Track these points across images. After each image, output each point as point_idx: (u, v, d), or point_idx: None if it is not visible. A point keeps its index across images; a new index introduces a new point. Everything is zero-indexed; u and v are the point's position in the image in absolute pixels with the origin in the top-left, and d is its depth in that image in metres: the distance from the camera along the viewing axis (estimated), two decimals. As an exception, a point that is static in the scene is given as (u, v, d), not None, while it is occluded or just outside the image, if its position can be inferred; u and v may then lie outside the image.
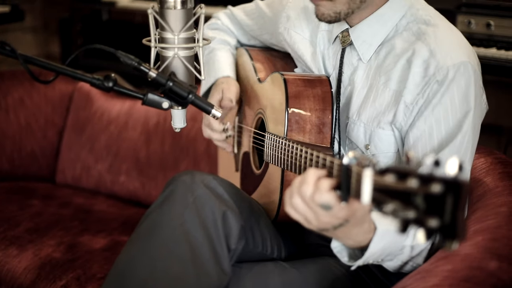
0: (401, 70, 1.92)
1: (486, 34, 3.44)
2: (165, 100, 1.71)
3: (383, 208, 1.28)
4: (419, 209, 1.20)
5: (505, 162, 2.19)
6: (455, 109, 1.85)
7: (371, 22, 1.97)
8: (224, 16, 2.51)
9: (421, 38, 1.91)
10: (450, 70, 1.85)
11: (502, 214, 1.90)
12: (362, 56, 2.00)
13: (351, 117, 2.00)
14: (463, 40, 1.96)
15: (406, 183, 1.23)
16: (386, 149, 1.96)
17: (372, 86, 1.98)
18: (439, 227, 1.17)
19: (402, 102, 1.90)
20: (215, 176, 1.97)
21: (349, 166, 1.43)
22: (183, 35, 1.76)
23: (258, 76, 2.26)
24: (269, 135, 2.06)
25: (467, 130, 1.85)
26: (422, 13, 1.97)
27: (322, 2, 1.91)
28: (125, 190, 3.07)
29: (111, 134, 3.12)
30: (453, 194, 1.16)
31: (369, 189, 1.33)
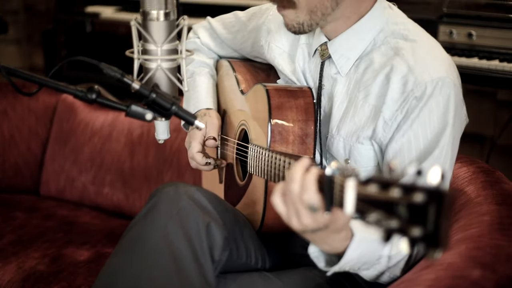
0: (380, 86, 1.92)
1: (468, 44, 3.46)
2: (149, 111, 1.71)
3: (367, 218, 1.28)
4: (402, 219, 1.20)
5: (487, 171, 2.20)
6: (433, 124, 1.86)
7: (349, 35, 1.98)
8: (203, 32, 2.49)
9: (400, 54, 1.92)
10: (428, 86, 1.86)
11: (485, 223, 1.91)
12: (340, 70, 2.00)
13: (331, 132, 2.01)
14: (442, 54, 1.96)
15: (389, 193, 1.23)
16: (365, 163, 1.97)
17: (352, 100, 1.98)
18: (422, 236, 1.18)
19: (381, 118, 1.91)
20: (198, 188, 1.97)
21: (332, 176, 1.44)
22: (166, 46, 1.76)
23: (241, 87, 2.27)
24: (252, 146, 2.06)
25: (444, 144, 1.86)
26: (401, 27, 1.97)
27: (285, 12, 1.93)
28: (109, 202, 3.06)
29: (94, 146, 3.12)
30: (435, 203, 1.17)
31: (352, 199, 1.34)
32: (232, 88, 2.33)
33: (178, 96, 1.80)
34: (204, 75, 2.40)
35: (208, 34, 2.48)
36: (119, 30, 4.34)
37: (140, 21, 1.77)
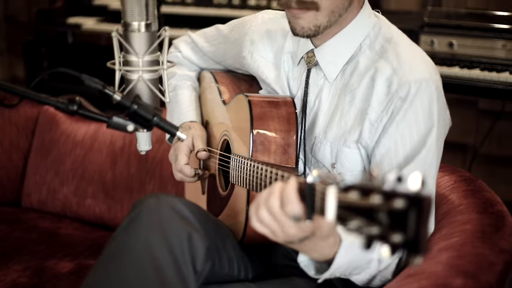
0: (365, 89, 1.94)
1: (449, 53, 3.49)
2: (130, 123, 1.70)
3: (348, 225, 1.29)
4: (383, 225, 1.21)
5: (469, 180, 2.22)
6: (419, 125, 1.88)
7: (336, 42, 1.99)
8: (184, 46, 2.49)
9: (384, 56, 1.94)
10: (412, 86, 1.87)
11: (467, 231, 1.92)
12: (327, 76, 2.02)
13: (318, 137, 2.02)
14: (425, 57, 1.98)
15: (369, 199, 1.24)
16: (352, 167, 1.98)
17: (338, 105, 1.99)
18: (403, 242, 1.18)
19: (367, 120, 1.92)
20: (180, 199, 1.97)
21: (313, 184, 1.44)
22: (147, 57, 1.76)
23: (223, 98, 2.27)
24: (234, 156, 2.06)
25: (431, 145, 1.88)
26: (385, 32, 2.00)
27: (305, 15, 1.91)
28: (91, 213, 3.05)
29: (76, 157, 3.11)
30: (416, 209, 1.17)
31: (333, 206, 1.34)
32: (214, 99, 2.33)
33: (160, 108, 1.80)
34: (187, 88, 2.40)
35: (189, 47, 2.48)
36: (101, 41, 4.33)
37: (121, 33, 1.77)
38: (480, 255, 1.80)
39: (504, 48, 3.39)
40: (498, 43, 3.40)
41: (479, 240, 1.87)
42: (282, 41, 2.17)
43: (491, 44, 3.42)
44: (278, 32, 2.19)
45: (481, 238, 1.88)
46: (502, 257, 1.81)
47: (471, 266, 1.75)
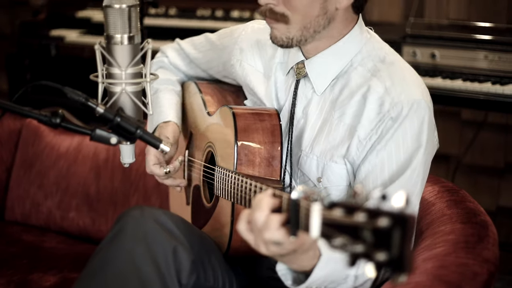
0: (356, 106, 1.94)
1: (431, 64, 3.51)
2: (113, 135, 1.70)
3: (332, 242, 1.29)
4: (367, 243, 1.21)
5: (452, 190, 2.22)
6: (406, 145, 1.88)
7: (327, 55, 2.00)
8: (171, 51, 2.49)
9: (377, 75, 1.94)
10: (405, 107, 1.88)
11: (450, 241, 1.93)
12: (316, 89, 2.02)
13: (304, 150, 2.02)
14: (417, 78, 2.00)
15: (354, 217, 1.24)
16: (338, 182, 1.98)
17: (326, 120, 1.99)
18: (387, 260, 1.18)
19: (356, 136, 1.92)
20: (165, 211, 1.97)
21: (297, 200, 1.44)
22: (130, 70, 1.76)
23: (208, 109, 2.27)
24: (219, 168, 2.06)
25: (416, 165, 1.89)
26: (378, 50, 2.00)
27: (277, 25, 1.94)
28: (75, 226, 3.03)
29: (60, 170, 3.09)
30: (400, 227, 1.17)
31: (317, 223, 1.34)
32: (198, 110, 2.33)
33: (143, 120, 1.80)
34: (168, 92, 2.39)
35: (176, 53, 2.48)
36: (84, 54, 4.32)
37: (104, 45, 1.77)
38: (463, 265, 1.80)
39: (486, 59, 3.41)
40: (480, 54, 3.42)
41: (463, 250, 1.88)
42: (271, 51, 2.17)
43: (473, 55, 3.44)
44: (268, 42, 2.17)
45: (464, 248, 1.89)
46: (486, 267, 1.82)
47: (455, 276, 1.76)
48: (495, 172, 4.08)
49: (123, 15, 1.74)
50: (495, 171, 4.08)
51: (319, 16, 1.93)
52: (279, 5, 1.92)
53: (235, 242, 2.02)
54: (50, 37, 4.53)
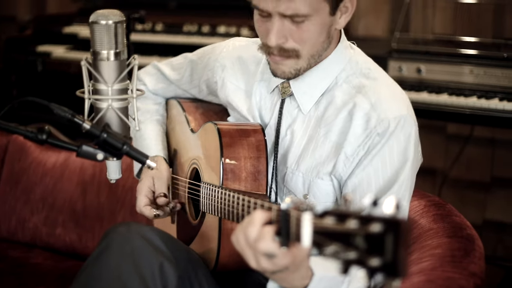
0: (342, 122, 1.95)
1: (417, 79, 3.52)
2: (100, 151, 1.70)
3: (324, 251, 1.29)
4: (360, 250, 1.21)
5: (438, 204, 2.23)
6: (393, 160, 1.89)
7: (312, 74, 2.00)
8: (148, 78, 2.46)
9: (362, 91, 1.95)
10: (392, 123, 1.89)
11: (436, 255, 1.93)
12: (302, 107, 2.02)
13: (290, 167, 2.02)
14: (402, 93, 2.00)
15: (345, 224, 1.24)
16: (324, 199, 1.98)
17: (312, 137, 1.99)
18: (380, 266, 1.19)
19: (342, 153, 1.92)
20: (151, 227, 1.96)
21: (287, 211, 1.44)
22: (116, 86, 1.76)
23: (191, 126, 2.27)
24: (204, 185, 2.06)
25: (403, 180, 1.90)
26: (362, 66, 2.01)
27: (286, 61, 1.92)
28: (61, 243, 3.02)
29: (46, 186, 3.08)
30: (392, 232, 1.18)
31: (309, 232, 1.34)
32: (182, 128, 2.32)
33: (130, 136, 1.80)
34: (151, 123, 2.38)
35: (154, 79, 2.45)
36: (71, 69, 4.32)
37: (90, 61, 1.77)
38: (450, 279, 1.81)
39: (472, 74, 3.43)
40: (465, 69, 3.44)
41: (449, 264, 1.88)
42: (254, 68, 2.17)
43: (459, 69, 3.46)
44: (250, 59, 2.19)
45: (451, 262, 1.89)
46: (473, 281, 1.82)
47: (441, 290, 1.76)
48: (482, 186, 4.09)
49: (110, 31, 1.74)
50: (481, 185, 4.09)
51: (325, 41, 1.93)
52: (289, 41, 1.88)
53: (223, 258, 2.02)
54: (36, 53, 4.52)
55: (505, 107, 3.23)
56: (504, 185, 4.04)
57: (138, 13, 3.29)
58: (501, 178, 4.04)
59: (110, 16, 1.75)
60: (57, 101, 1.70)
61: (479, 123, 3.57)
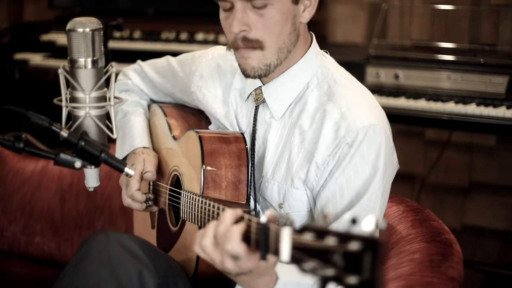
0: (314, 131, 1.94)
1: (395, 85, 3.54)
2: (78, 159, 1.69)
3: (303, 266, 1.29)
4: (338, 267, 1.21)
5: (416, 210, 2.24)
6: (363, 170, 1.88)
7: (283, 79, 2.00)
8: (134, 74, 2.48)
9: (332, 99, 1.94)
10: (360, 133, 1.88)
11: (415, 260, 1.94)
12: (274, 114, 2.02)
13: (265, 176, 2.02)
14: (373, 102, 2.00)
15: (324, 241, 1.25)
16: (299, 208, 1.98)
17: (286, 145, 1.99)
18: (358, 284, 1.19)
19: (313, 162, 1.92)
20: (130, 235, 1.96)
21: (267, 224, 1.44)
22: (94, 94, 1.76)
23: (173, 133, 2.26)
24: (185, 192, 2.05)
25: (374, 190, 1.88)
26: (333, 72, 2.01)
27: (252, 54, 1.91)
28: (40, 251, 3.01)
29: (24, 194, 3.07)
30: (371, 251, 1.18)
31: (288, 247, 1.35)
32: (164, 134, 2.32)
33: (108, 144, 1.79)
34: (139, 115, 2.39)
35: (139, 77, 2.47)
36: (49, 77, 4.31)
37: (68, 69, 1.76)
38: (429, 284, 1.81)
39: (449, 79, 3.45)
40: (443, 74, 3.46)
41: (428, 269, 1.89)
42: (231, 78, 2.17)
43: (436, 75, 3.48)
44: (228, 69, 2.19)
45: (429, 267, 1.90)
46: (451, 285, 1.83)
47: (420, 295, 1.77)
48: (460, 191, 4.12)
49: (87, 39, 1.74)
50: (460, 190, 4.12)
51: (291, 33, 1.92)
52: (252, 31, 1.89)
53: (202, 266, 2.01)
54: (14, 61, 4.51)
55: (482, 113, 3.25)
56: (483, 189, 4.07)
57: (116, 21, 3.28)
58: (479, 183, 4.07)
59: (87, 24, 1.74)
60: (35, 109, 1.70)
61: (457, 128, 3.59)
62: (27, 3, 5.34)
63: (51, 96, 1.93)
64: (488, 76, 3.37)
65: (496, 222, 4.05)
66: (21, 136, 1.68)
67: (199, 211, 1.92)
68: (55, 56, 4.49)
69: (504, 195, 3.99)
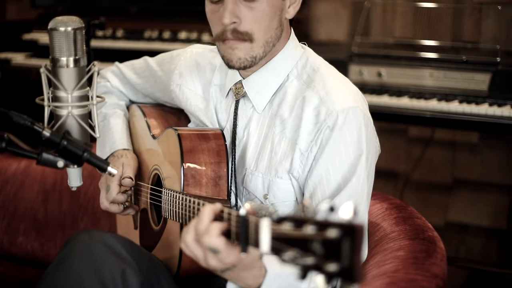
0: (294, 119, 1.96)
1: (378, 82, 3.55)
2: (60, 159, 1.69)
3: (283, 256, 1.30)
4: (317, 255, 1.22)
5: (400, 207, 2.25)
6: (348, 153, 1.90)
7: (264, 72, 2.01)
8: (112, 76, 2.48)
9: (311, 86, 1.97)
10: (340, 115, 1.90)
11: (399, 258, 1.94)
12: (256, 107, 2.03)
13: (248, 168, 2.03)
14: (351, 86, 2.02)
15: (303, 230, 1.25)
16: (284, 198, 1.99)
17: (268, 135, 2.01)
18: (338, 271, 1.20)
19: (297, 149, 1.93)
20: (113, 234, 1.95)
21: (246, 217, 1.45)
22: (76, 93, 1.75)
23: (152, 132, 2.26)
24: (166, 190, 2.05)
25: (361, 172, 1.90)
26: (312, 62, 2.03)
27: (241, 45, 1.93)
28: (23, 251, 3.00)
29: (7, 194, 3.06)
30: (349, 237, 1.19)
31: (267, 238, 1.35)
32: (143, 134, 2.32)
33: (90, 143, 1.79)
34: (118, 117, 2.38)
35: (118, 79, 2.47)
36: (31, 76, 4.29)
37: (50, 68, 1.76)
38: (413, 281, 1.82)
39: (432, 77, 3.46)
40: (425, 72, 3.47)
41: (412, 266, 1.89)
42: (210, 75, 2.18)
43: (419, 72, 3.49)
44: (207, 66, 2.20)
45: (413, 264, 1.90)
46: (435, 282, 1.84)
47: (404, 292, 1.77)
48: (443, 188, 4.13)
49: (69, 38, 1.73)
50: (443, 187, 4.13)
51: (277, 28, 1.96)
52: (243, 23, 1.91)
53: (185, 263, 2.01)
54: (-5, 60, 4.49)
55: (464, 110, 3.27)
56: (466, 186, 4.08)
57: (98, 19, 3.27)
58: (462, 180, 4.08)
59: (69, 22, 1.74)
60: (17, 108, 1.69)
61: (440, 125, 3.60)
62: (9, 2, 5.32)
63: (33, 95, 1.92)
64: (470, 73, 3.38)
65: (479, 219, 4.07)
66: (3, 136, 1.67)
67: (180, 208, 1.92)
68: (37, 55, 4.47)
69: (487, 191, 4.01)
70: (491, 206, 4.03)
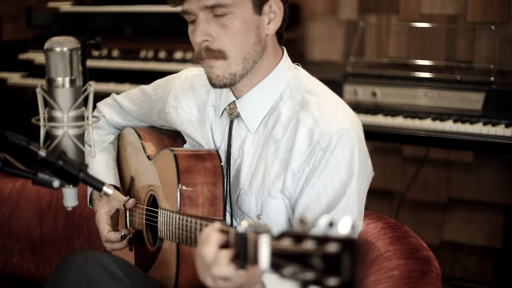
0: (288, 139, 1.96)
1: (372, 102, 3.56)
2: (56, 179, 1.69)
3: (282, 272, 1.30)
4: (318, 270, 1.22)
5: (394, 227, 2.25)
6: (340, 173, 1.90)
7: (256, 92, 2.02)
8: (107, 109, 2.49)
9: (305, 107, 1.97)
10: (334, 137, 1.90)
11: (394, 277, 1.95)
12: (249, 127, 2.04)
13: (242, 188, 2.03)
14: (345, 108, 2.02)
15: (302, 245, 1.25)
16: (277, 217, 1.99)
17: (262, 156, 2.01)
18: (338, 285, 1.20)
19: (289, 170, 1.94)
20: (108, 254, 1.95)
21: (245, 234, 1.45)
22: (72, 113, 1.75)
23: (148, 153, 2.27)
24: (162, 211, 2.05)
25: (351, 193, 1.90)
26: (306, 83, 2.03)
27: (216, 63, 1.93)
28: (18, 271, 2.99)
29: (2, 214, 3.05)
30: (349, 251, 1.19)
31: (267, 254, 1.35)
32: (138, 155, 2.32)
33: (86, 163, 1.79)
34: (100, 152, 2.39)
35: (112, 110, 2.48)
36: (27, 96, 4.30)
37: (45, 88, 1.76)
38: (407, 301, 1.82)
39: (426, 96, 3.48)
40: (419, 91, 3.49)
41: (407, 285, 1.90)
42: (205, 96, 2.19)
43: (413, 92, 3.50)
44: (202, 88, 2.21)
45: (408, 283, 1.91)
46: (430, 302, 1.84)
47: (399, 312, 1.77)
48: (438, 207, 4.14)
49: (64, 58, 1.74)
50: (438, 206, 4.14)
51: (256, 44, 1.95)
52: (215, 41, 1.92)
53: (182, 283, 2.01)
54: (-9, 80, 4.49)
55: (459, 129, 3.28)
56: (461, 206, 4.09)
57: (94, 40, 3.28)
58: (457, 199, 4.09)
59: (65, 43, 1.74)
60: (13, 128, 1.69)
61: (434, 145, 3.61)
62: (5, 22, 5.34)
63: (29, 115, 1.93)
64: (464, 93, 3.40)
65: (474, 238, 4.07)
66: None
67: (177, 227, 1.92)
68: (33, 75, 4.48)
69: (482, 211, 4.02)
70: (486, 225, 4.03)
